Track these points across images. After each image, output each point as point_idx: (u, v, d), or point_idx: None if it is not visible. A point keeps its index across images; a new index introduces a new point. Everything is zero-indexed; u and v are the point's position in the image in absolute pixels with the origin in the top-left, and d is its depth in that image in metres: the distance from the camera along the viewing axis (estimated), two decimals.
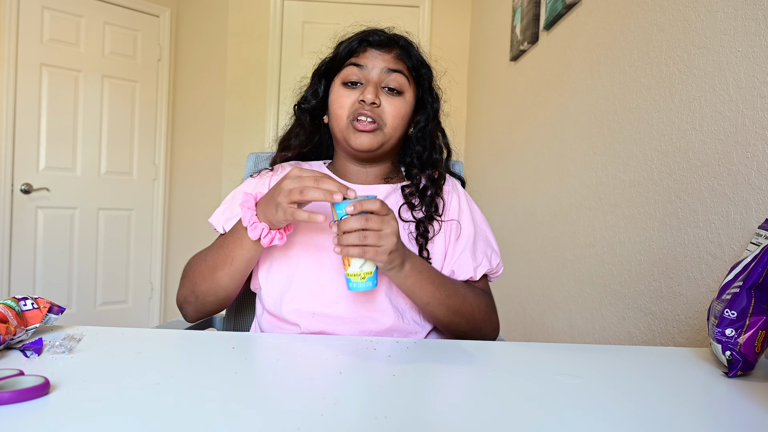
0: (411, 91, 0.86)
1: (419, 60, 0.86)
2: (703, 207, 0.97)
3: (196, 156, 3.24)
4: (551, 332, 1.67)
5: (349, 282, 0.70)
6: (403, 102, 0.84)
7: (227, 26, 3.12)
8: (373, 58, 0.83)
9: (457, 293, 0.79)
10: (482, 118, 2.79)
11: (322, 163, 0.94)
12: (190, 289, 0.81)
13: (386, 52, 0.84)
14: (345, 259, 0.69)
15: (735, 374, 0.58)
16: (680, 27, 1.07)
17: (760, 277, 0.60)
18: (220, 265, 0.77)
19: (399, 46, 0.85)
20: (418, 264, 0.76)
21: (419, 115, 0.88)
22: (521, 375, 0.57)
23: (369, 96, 0.80)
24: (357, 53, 0.84)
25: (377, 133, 0.82)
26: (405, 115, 0.85)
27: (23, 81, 2.69)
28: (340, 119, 0.83)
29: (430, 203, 0.84)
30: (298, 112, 0.91)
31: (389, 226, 0.68)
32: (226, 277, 0.78)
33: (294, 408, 0.45)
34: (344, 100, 0.83)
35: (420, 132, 0.88)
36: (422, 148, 0.88)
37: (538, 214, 1.86)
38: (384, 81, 0.82)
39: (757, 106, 0.85)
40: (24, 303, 0.61)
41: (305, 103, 0.90)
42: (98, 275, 3.01)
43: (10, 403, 0.42)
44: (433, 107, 0.89)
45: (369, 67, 0.82)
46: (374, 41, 0.83)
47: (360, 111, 0.81)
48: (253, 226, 0.72)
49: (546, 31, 1.85)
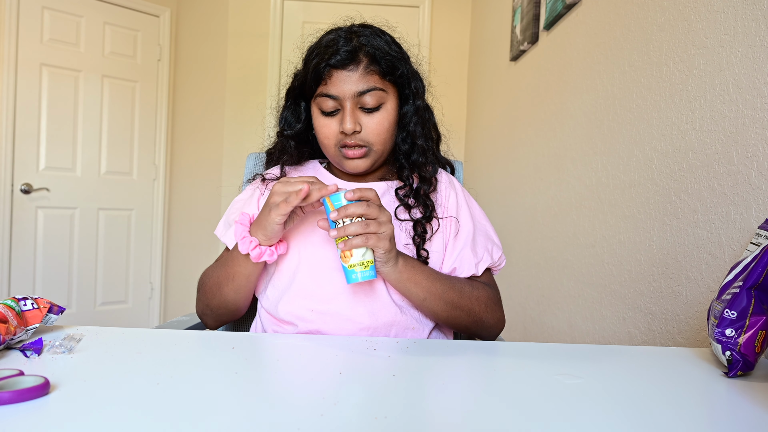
0: (391, 96, 0.82)
1: (390, 58, 0.80)
2: (703, 207, 0.97)
3: (196, 156, 3.24)
4: (551, 332, 1.67)
5: (352, 273, 0.69)
6: (385, 114, 0.81)
7: (227, 26, 3.12)
8: (341, 83, 0.78)
9: (453, 287, 0.79)
10: (482, 118, 2.79)
11: (317, 162, 0.94)
12: (204, 303, 0.85)
13: (353, 71, 0.78)
14: (344, 251, 0.69)
15: (735, 374, 0.58)
16: (680, 27, 1.07)
17: (760, 277, 0.60)
18: (224, 282, 0.81)
19: (366, 55, 0.79)
20: (410, 260, 0.77)
21: (403, 108, 0.86)
22: (521, 375, 0.57)
23: (348, 126, 0.78)
24: (324, 79, 0.79)
25: (369, 155, 0.82)
26: (390, 126, 0.83)
27: (23, 81, 2.69)
28: (328, 147, 0.83)
29: (425, 202, 0.84)
30: (281, 139, 0.89)
31: (385, 214, 0.70)
32: (232, 293, 0.81)
33: (294, 408, 0.45)
34: (326, 130, 0.82)
35: (404, 130, 0.86)
36: (410, 147, 0.86)
37: (538, 214, 1.86)
38: (359, 103, 0.79)
39: (757, 106, 0.85)
40: (24, 303, 0.61)
41: (289, 129, 0.88)
42: (98, 275, 3.01)
43: (10, 403, 0.42)
44: (415, 103, 0.85)
45: (340, 95, 0.79)
46: (338, 63, 0.77)
47: (344, 141, 0.80)
48: (243, 240, 0.75)
49: (546, 31, 1.85)
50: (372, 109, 0.80)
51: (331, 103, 0.80)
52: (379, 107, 0.80)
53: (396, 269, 0.74)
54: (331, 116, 0.81)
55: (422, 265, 0.78)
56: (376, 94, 0.79)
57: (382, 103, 0.81)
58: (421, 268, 0.77)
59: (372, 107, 0.80)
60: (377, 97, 0.80)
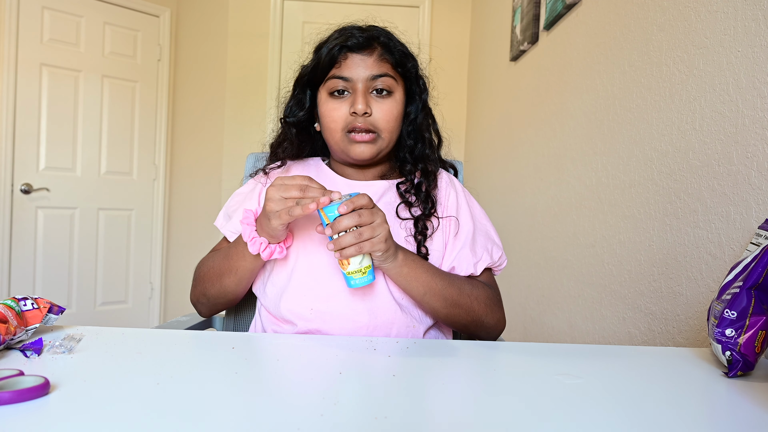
0: (400, 88, 0.85)
1: (402, 53, 0.85)
2: (703, 207, 0.97)
3: (196, 156, 3.24)
4: (551, 332, 1.67)
5: (350, 280, 0.70)
6: (394, 102, 0.83)
7: (227, 26, 3.12)
8: (356, 65, 0.81)
9: (453, 284, 0.79)
10: (482, 118, 2.79)
11: (320, 159, 0.94)
12: (201, 291, 0.86)
13: (368, 55, 0.81)
14: (341, 260, 0.70)
15: (735, 374, 0.58)
16: (680, 27, 1.07)
17: (760, 278, 0.60)
18: (226, 274, 0.82)
19: (380, 44, 0.82)
20: (410, 254, 0.77)
21: (410, 107, 0.88)
22: (521, 375, 0.57)
23: (360, 107, 0.79)
24: (338, 62, 0.81)
25: (376, 141, 0.83)
26: (398, 116, 0.84)
27: (23, 81, 2.69)
28: (335, 132, 0.83)
29: (426, 199, 0.84)
30: (284, 126, 0.90)
31: (378, 216, 0.70)
32: (233, 284, 0.83)
33: (294, 408, 0.45)
34: (335, 113, 0.82)
35: (411, 125, 0.88)
36: (414, 142, 0.88)
37: (538, 214, 1.86)
38: (371, 86, 0.81)
39: (757, 106, 0.85)
40: (24, 303, 0.61)
41: (291, 116, 0.88)
42: (98, 275, 3.01)
43: (10, 403, 0.42)
44: (421, 98, 0.88)
45: (353, 77, 0.81)
46: (354, 45, 0.81)
47: (354, 124, 0.81)
48: (253, 242, 0.76)
49: (546, 31, 1.85)
50: (383, 95, 0.82)
51: (342, 84, 0.81)
52: (389, 94, 0.83)
53: (396, 263, 0.74)
54: (341, 99, 0.82)
55: (422, 260, 0.79)
56: (388, 80, 0.82)
57: (392, 92, 0.83)
58: (421, 263, 0.78)
59: (383, 89, 0.82)
60: (389, 83, 0.82)
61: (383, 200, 0.86)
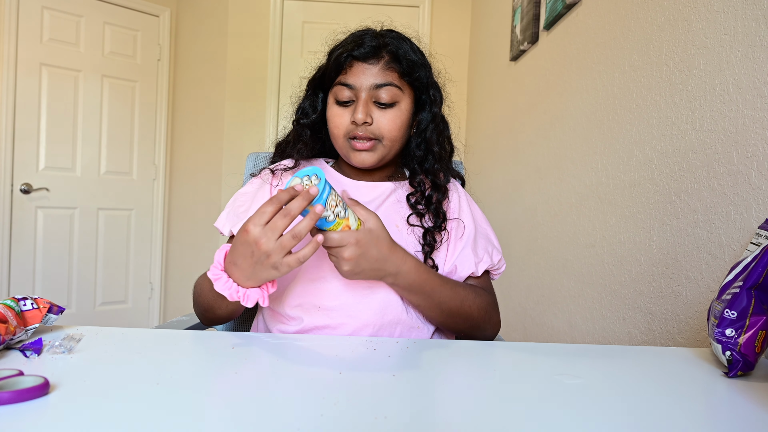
0: (407, 97, 0.83)
1: (411, 62, 0.82)
2: (703, 207, 0.97)
3: (196, 156, 3.24)
4: (551, 332, 1.67)
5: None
6: (398, 112, 0.82)
7: (227, 26, 3.12)
8: (360, 74, 0.80)
9: (454, 297, 0.78)
10: (482, 118, 2.79)
11: (324, 161, 0.94)
12: (199, 312, 0.84)
13: (374, 64, 0.80)
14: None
15: (735, 374, 0.58)
16: (680, 27, 1.07)
17: (760, 277, 0.60)
18: (215, 308, 0.77)
19: (388, 52, 0.81)
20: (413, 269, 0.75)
21: (420, 115, 0.87)
22: (521, 375, 0.57)
23: (360, 116, 0.79)
24: (344, 69, 0.81)
25: (376, 149, 0.82)
26: (402, 125, 0.83)
27: (23, 81, 2.69)
28: (338, 138, 0.84)
29: (437, 211, 0.84)
30: (297, 127, 0.89)
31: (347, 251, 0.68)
32: (226, 314, 0.78)
33: (294, 408, 0.45)
34: (338, 119, 0.82)
35: (419, 136, 0.87)
36: (423, 154, 0.87)
37: (538, 214, 1.86)
38: (374, 96, 0.81)
39: (757, 106, 0.85)
40: (24, 303, 0.61)
41: (305, 118, 0.88)
42: (98, 275, 3.01)
43: (9, 403, 0.42)
44: (432, 110, 0.86)
45: (357, 85, 0.80)
46: (360, 55, 0.80)
47: (355, 132, 0.81)
48: (240, 296, 0.68)
49: (546, 31, 1.85)
50: (386, 104, 0.81)
51: (347, 92, 0.81)
52: (393, 104, 0.82)
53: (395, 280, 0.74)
54: (345, 106, 0.82)
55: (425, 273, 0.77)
56: (392, 90, 0.81)
57: (397, 102, 0.82)
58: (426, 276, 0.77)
59: (386, 103, 0.81)
60: (392, 93, 0.81)
61: (388, 201, 0.86)
